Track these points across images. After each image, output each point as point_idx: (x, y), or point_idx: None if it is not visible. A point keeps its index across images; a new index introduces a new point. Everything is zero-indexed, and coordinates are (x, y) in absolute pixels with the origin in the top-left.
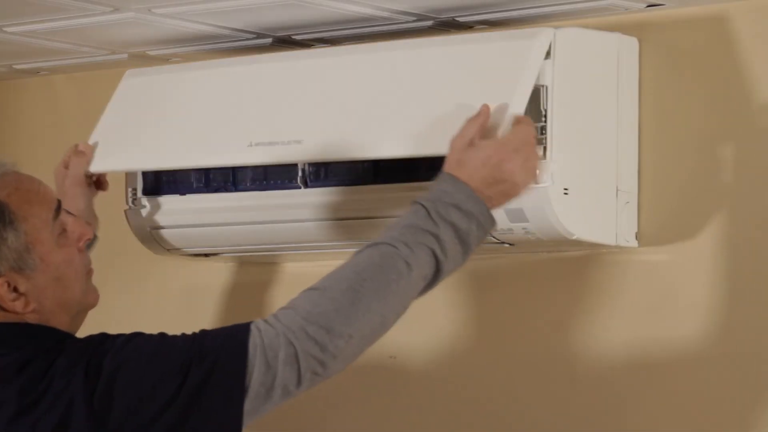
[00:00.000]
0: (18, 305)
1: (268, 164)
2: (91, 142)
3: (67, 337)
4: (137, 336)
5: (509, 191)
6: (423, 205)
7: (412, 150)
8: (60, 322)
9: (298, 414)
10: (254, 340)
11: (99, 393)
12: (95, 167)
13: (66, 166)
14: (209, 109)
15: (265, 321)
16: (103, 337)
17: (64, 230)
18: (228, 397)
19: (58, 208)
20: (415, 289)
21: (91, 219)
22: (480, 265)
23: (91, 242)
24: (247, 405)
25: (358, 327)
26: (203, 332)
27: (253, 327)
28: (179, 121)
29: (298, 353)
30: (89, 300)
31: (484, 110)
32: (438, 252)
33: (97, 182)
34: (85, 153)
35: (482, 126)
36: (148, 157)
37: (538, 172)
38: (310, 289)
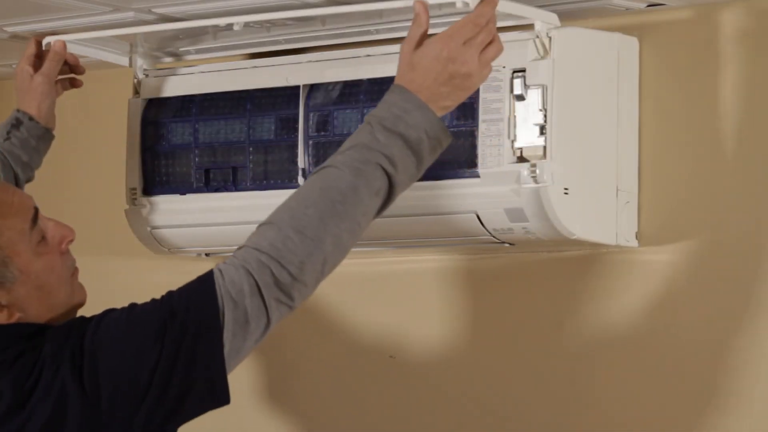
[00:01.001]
0: (1, 317)
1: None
2: None
3: (48, 327)
4: (109, 313)
5: (466, 85)
6: (369, 122)
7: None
8: (48, 322)
9: (298, 413)
10: (218, 282)
11: (86, 375)
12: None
13: (32, 66)
14: None
15: (224, 262)
16: (81, 320)
17: (43, 237)
18: (207, 344)
19: (35, 217)
20: (368, 205)
21: (52, 120)
22: (480, 265)
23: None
24: (227, 346)
25: (307, 253)
26: (170, 293)
27: (215, 270)
28: None
29: (259, 283)
30: (76, 300)
31: (419, 7)
32: (387, 166)
33: (72, 80)
34: (60, 53)
35: (426, 23)
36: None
37: (495, 60)
38: (262, 223)
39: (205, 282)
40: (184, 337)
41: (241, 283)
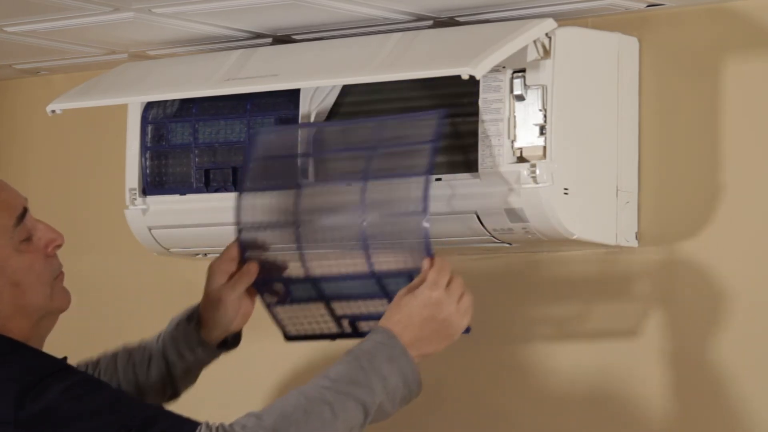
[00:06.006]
0: None
1: (244, 93)
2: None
3: (20, 348)
4: (100, 382)
5: (445, 332)
6: (356, 357)
7: (388, 74)
8: (17, 327)
9: None
10: (201, 428)
11: (28, 416)
12: (69, 104)
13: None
14: (191, 65)
15: (215, 428)
16: (64, 365)
17: (29, 237)
18: None
19: (22, 215)
20: None
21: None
22: (480, 265)
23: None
24: None
25: None
26: (160, 409)
27: (203, 426)
28: (158, 73)
29: None
30: (55, 304)
31: (427, 264)
32: (366, 404)
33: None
34: (254, 273)
35: (425, 279)
36: (129, 91)
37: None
38: (250, 414)
39: (189, 422)
40: None
41: None
